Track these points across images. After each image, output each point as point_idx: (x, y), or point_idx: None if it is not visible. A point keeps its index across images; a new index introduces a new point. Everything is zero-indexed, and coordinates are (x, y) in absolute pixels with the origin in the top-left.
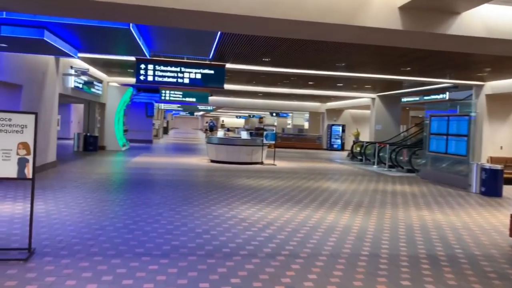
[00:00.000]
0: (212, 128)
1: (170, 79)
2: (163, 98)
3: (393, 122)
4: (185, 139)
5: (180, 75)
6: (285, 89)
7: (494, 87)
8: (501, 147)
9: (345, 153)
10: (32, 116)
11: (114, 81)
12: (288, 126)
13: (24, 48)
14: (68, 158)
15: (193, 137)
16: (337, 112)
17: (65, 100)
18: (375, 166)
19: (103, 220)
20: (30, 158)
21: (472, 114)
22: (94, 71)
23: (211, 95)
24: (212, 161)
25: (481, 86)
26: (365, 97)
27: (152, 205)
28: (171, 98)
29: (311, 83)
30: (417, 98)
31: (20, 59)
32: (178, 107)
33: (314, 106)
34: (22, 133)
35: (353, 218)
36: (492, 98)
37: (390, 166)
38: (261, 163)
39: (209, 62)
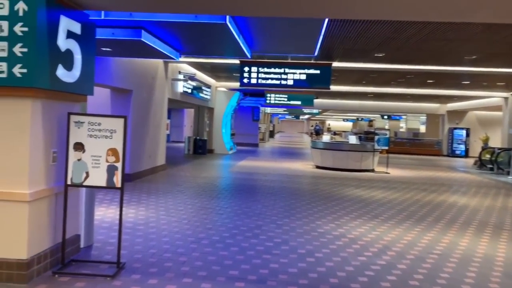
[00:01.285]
0: (318, 132)
1: (274, 81)
2: (268, 101)
3: None
4: (290, 142)
5: (283, 76)
6: (399, 89)
7: None
8: None
9: (470, 161)
10: (121, 120)
11: (222, 86)
12: (401, 130)
13: (127, 51)
14: (178, 161)
15: (298, 141)
16: (460, 114)
17: (178, 105)
18: (510, 177)
19: (200, 232)
20: (119, 165)
21: None
22: (202, 76)
23: (317, 98)
24: (317, 167)
25: None
26: (496, 97)
27: (252, 215)
28: (276, 102)
29: (431, 81)
30: None
31: (130, 65)
32: (284, 110)
33: (432, 107)
34: (111, 138)
35: (494, 245)
36: None
37: None
38: (372, 170)
39: (314, 62)
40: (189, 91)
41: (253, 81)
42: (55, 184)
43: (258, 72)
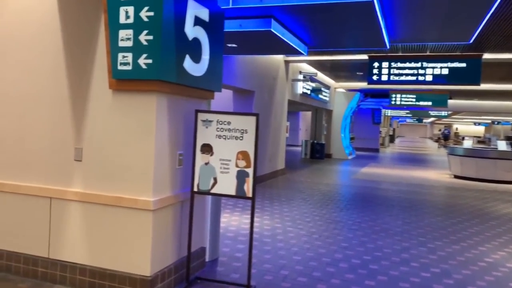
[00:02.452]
0: (446, 137)
1: (409, 77)
2: (393, 103)
3: None
4: (414, 148)
5: (421, 71)
6: None
7: None
8: None
9: None
10: (253, 119)
11: (341, 86)
12: None
13: (253, 46)
14: (296, 166)
15: (422, 147)
16: None
17: (294, 108)
18: None
19: (335, 251)
20: (250, 171)
21: None
22: (321, 76)
23: (450, 98)
24: (456, 176)
25: None
26: None
27: (392, 234)
28: (403, 103)
29: None
30: None
31: (252, 65)
32: (407, 113)
33: None
34: (241, 139)
35: None
36: None
37: None
38: None
39: (460, 54)
40: (308, 92)
41: (384, 78)
42: (181, 190)
43: (389, 68)
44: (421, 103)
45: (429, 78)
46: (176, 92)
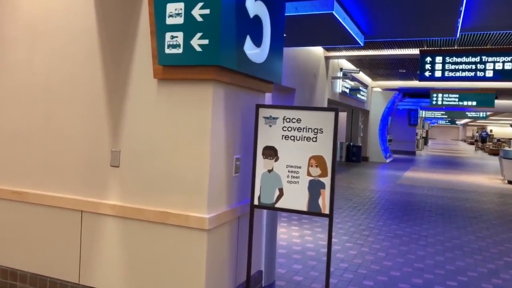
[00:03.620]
0: (484, 139)
1: (466, 73)
2: (433, 103)
3: None
4: (449, 151)
5: (480, 66)
6: None
7: None
8: None
9: None
10: (331, 115)
11: (378, 85)
12: None
13: (303, 36)
14: None
15: (457, 149)
16: None
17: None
18: None
19: (411, 274)
20: (326, 181)
21: None
22: (359, 74)
23: (496, 98)
24: (510, 182)
25: None
26: None
27: (470, 252)
28: (444, 103)
29: None
30: None
31: (294, 61)
32: (442, 114)
33: None
34: (315, 141)
35: None
36: None
37: None
38: None
39: None
40: (347, 91)
41: (438, 74)
42: (238, 204)
43: (443, 63)
44: (465, 103)
45: (489, 74)
46: (235, 82)
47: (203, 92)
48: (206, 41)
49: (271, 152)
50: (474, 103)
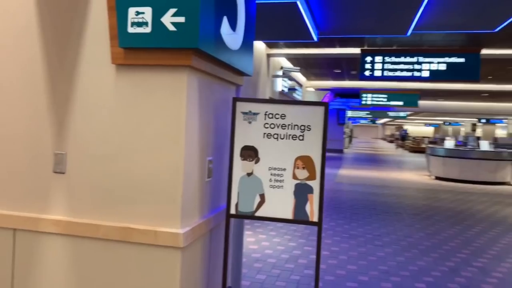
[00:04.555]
0: (404, 137)
1: (404, 73)
2: (363, 103)
3: None
4: (373, 149)
5: (417, 67)
6: None
7: None
8: None
9: None
10: (320, 110)
11: (312, 85)
12: (501, 135)
13: (260, 28)
14: None
15: (379, 147)
16: None
17: None
18: None
19: (379, 278)
20: (315, 185)
21: None
22: (295, 74)
23: (420, 98)
24: (438, 178)
25: None
26: None
27: (425, 250)
28: (374, 103)
29: None
30: None
31: None
32: (367, 113)
33: None
34: (302, 139)
35: None
36: None
37: None
38: (509, 183)
39: (459, 48)
40: (286, 90)
41: (377, 73)
42: (211, 213)
43: (383, 63)
44: (393, 103)
45: (425, 74)
46: (209, 70)
47: (176, 81)
48: (182, 19)
49: (250, 153)
50: (401, 103)
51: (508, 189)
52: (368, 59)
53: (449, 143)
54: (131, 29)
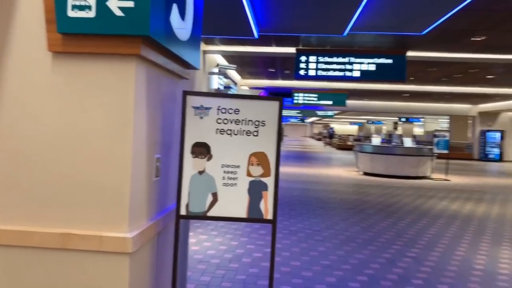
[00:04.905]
0: (332, 135)
1: (337, 73)
2: (295, 102)
3: None
4: (303, 146)
5: (348, 67)
6: (446, 87)
7: None
8: None
9: (508, 165)
10: (275, 105)
11: (246, 84)
12: (419, 132)
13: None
14: None
15: (309, 145)
16: (493, 115)
17: None
18: None
19: (322, 273)
20: (269, 182)
21: None
22: (230, 72)
23: (347, 98)
24: (366, 173)
25: None
26: None
27: (362, 243)
28: (305, 102)
29: (490, 77)
30: None
31: None
32: (298, 112)
33: (463, 108)
34: (256, 135)
35: None
36: None
37: None
38: (428, 177)
39: (385, 50)
40: (222, 87)
41: (312, 73)
42: (160, 215)
43: (317, 63)
44: (322, 102)
45: (356, 74)
46: (158, 61)
47: (123, 72)
48: (130, 3)
49: (202, 150)
50: (330, 102)
51: (429, 182)
52: (303, 58)
53: (376, 141)
54: (71, 13)
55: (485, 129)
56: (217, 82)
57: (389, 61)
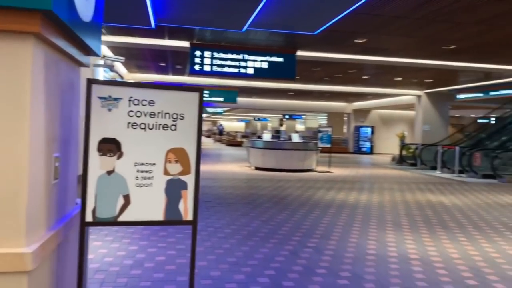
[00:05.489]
0: (221, 132)
1: (232, 69)
2: None
3: (441, 122)
4: None
5: (243, 64)
6: (328, 86)
7: None
8: None
9: (378, 157)
10: (195, 96)
11: (134, 78)
12: (300, 128)
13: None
14: None
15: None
16: (364, 112)
17: None
18: (438, 172)
19: (231, 271)
20: (189, 180)
21: None
22: (116, 65)
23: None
24: (257, 168)
25: None
26: (409, 95)
27: (264, 237)
28: None
29: (366, 77)
30: (480, 94)
31: None
32: None
33: (340, 106)
34: (174, 129)
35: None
36: None
37: (460, 172)
38: (314, 170)
39: (277, 48)
40: None
41: (207, 68)
42: (60, 223)
43: (212, 58)
44: (214, 98)
45: (250, 71)
46: (58, 43)
47: (17, 53)
48: None
49: (111, 147)
50: (221, 99)
51: (315, 175)
52: (198, 53)
53: (266, 136)
54: None
55: (358, 125)
56: (102, 75)
57: (280, 59)
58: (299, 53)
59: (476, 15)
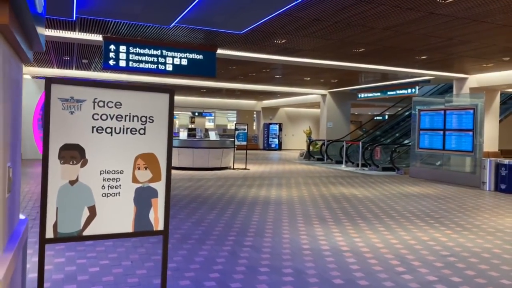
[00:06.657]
0: None
1: (150, 65)
2: None
3: (344, 119)
4: None
5: (161, 60)
6: (240, 84)
7: (480, 80)
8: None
9: (286, 153)
10: (165, 97)
11: (29, 72)
12: (209, 126)
13: None
14: None
15: None
16: (273, 110)
17: None
18: (343, 166)
19: (174, 278)
20: (160, 187)
21: (480, 106)
22: None
23: None
24: (174, 167)
25: (464, 79)
26: (315, 93)
27: (200, 240)
28: None
29: (278, 76)
30: (378, 94)
31: None
32: None
33: (249, 104)
34: (143, 133)
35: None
36: (476, 91)
37: (362, 165)
38: (231, 167)
39: (197, 45)
40: None
41: (122, 64)
42: (15, 242)
43: (128, 53)
44: None
45: (169, 68)
46: (18, 38)
47: None
48: None
49: (74, 153)
50: None
51: (233, 172)
52: (112, 47)
53: (183, 135)
54: None
55: (267, 122)
56: None
57: (200, 56)
58: (219, 51)
59: (386, 22)
